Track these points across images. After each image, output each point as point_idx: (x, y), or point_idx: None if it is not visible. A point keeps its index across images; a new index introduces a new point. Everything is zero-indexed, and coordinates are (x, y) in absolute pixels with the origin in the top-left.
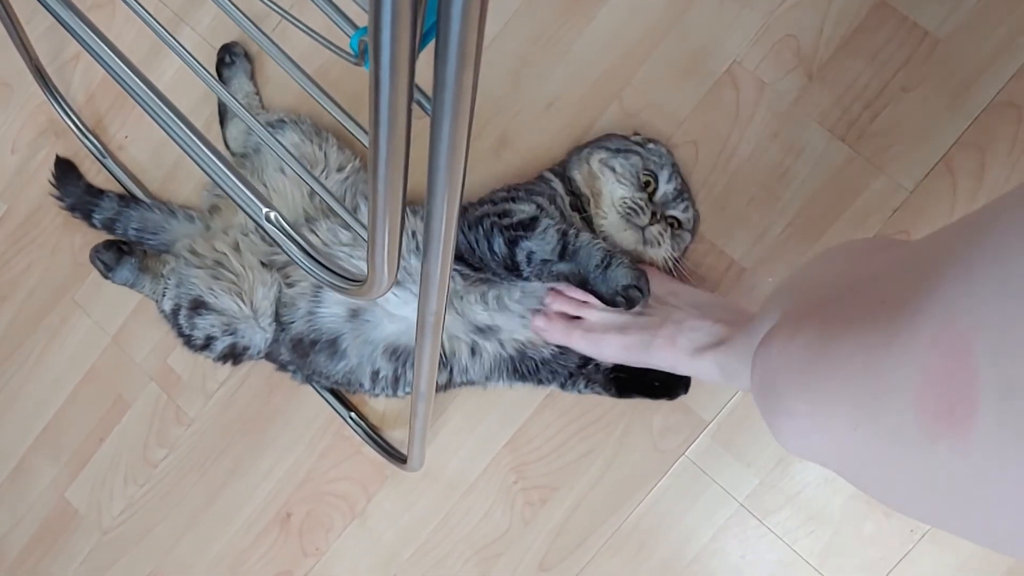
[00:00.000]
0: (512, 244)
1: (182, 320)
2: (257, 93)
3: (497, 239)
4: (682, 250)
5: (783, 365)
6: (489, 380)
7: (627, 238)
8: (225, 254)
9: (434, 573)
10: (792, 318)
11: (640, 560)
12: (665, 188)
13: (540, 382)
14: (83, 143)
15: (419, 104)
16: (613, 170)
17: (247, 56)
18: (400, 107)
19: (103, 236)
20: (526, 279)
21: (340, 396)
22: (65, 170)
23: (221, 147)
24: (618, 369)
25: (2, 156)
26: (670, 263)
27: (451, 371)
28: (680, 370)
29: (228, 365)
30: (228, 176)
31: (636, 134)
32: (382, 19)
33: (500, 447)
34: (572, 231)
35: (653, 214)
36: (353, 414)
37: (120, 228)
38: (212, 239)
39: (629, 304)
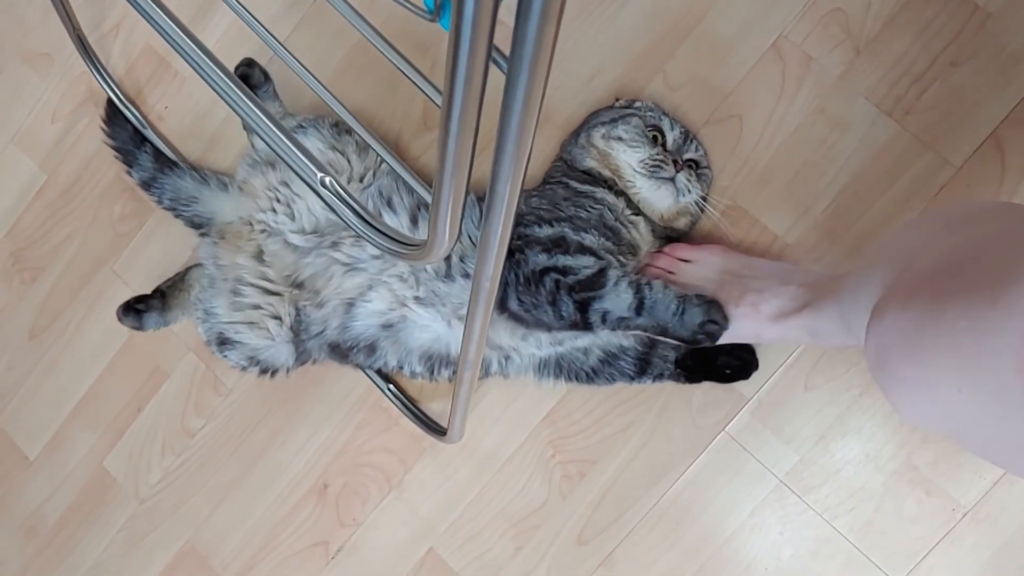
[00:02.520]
0: (584, 307)
1: (215, 351)
2: (281, 105)
3: (565, 303)
4: (708, 187)
5: (895, 335)
6: (537, 378)
7: (663, 197)
8: (244, 278)
9: (471, 545)
10: (903, 289)
11: (678, 535)
12: (672, 135)
13: (600, 384)
14: (123, 113)
15: (494, 62)
16: (620, 139)
17: (265, 75)
18: (478, 64)
19: (143, 206)
20: (594, 332)
21: (379, 368)
22: (115, 110)
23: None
24: (681, 362)
25: (42, 126)
26: (701, 204)
27: (486, 369)
28: (764, 338)
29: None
30: (280, 137)
31: (617, 99)
32: None
33: (538, 420)
34: (643, 281)
35: (675, 162)
36: (392, 386)
37: (155, 194)
38: (236, 242)
39: (711, 339)
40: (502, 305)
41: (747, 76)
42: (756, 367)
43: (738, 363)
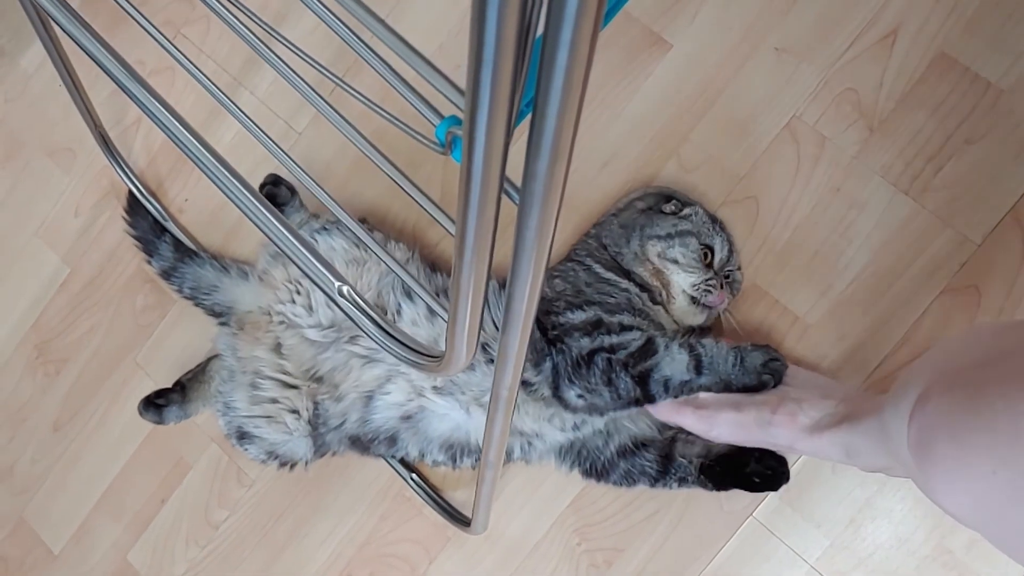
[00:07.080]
0: (643, 379)
1: (235, 444)
2: (307, 212)
3: (623, 379)
4: (738, 293)
5: (937, 416)
6: (558, 464)
7: (697, 315)
8: (262, 371)
9: None
10: (946, 377)
11: None
12: (721, 255)
13: (618, 484)
14: (145, 206)
15: (506, 193)
16: (676, 261)
17: (291, 190)
18: (490, 198)
19: (165, 297)
20: (656, 405)
21: (401, 458)
22: (135, 203)
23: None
24: (707, 469)
25: (65, 219)
26: (727, 314)
27: (508, 455)
28: (797, 448)
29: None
30: (296, 246)
31: (669, 200)
32: (478, 115)
33: (563, 508)
34: (693, 339)
35: (721, 286)
36: (415, 475)
37: (176, 283)
38: (255, 333)
39: (776, 377)
40: (555, 394)
41: (761, 157)
42: (787, 479)
43: (769, 473)
